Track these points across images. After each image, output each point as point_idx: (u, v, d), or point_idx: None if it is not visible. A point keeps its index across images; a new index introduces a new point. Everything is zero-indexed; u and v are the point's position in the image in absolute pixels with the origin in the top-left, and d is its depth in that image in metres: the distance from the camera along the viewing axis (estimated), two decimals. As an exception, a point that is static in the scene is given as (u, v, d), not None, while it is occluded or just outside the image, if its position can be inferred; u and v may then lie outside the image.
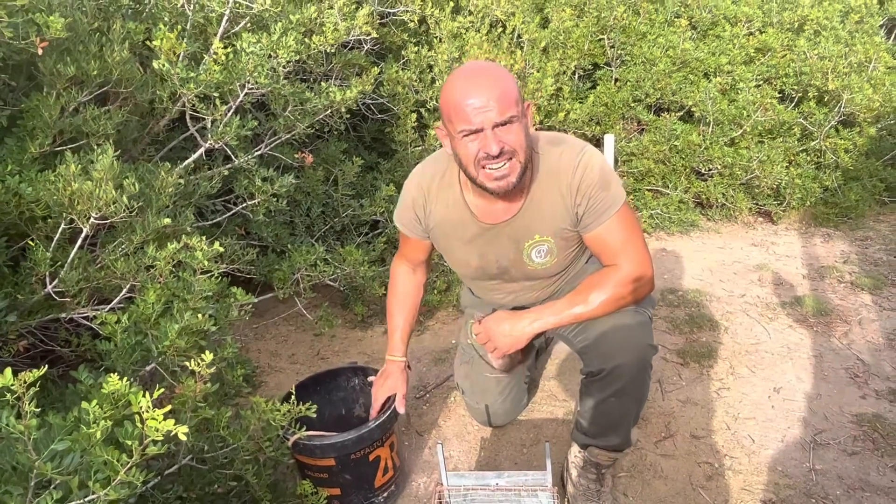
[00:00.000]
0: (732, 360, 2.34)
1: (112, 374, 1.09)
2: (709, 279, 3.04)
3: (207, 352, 1.26)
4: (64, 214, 1.43)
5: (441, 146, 1.56)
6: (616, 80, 3.72)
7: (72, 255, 1.50)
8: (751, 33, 3.72)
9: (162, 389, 1.05)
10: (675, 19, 3.69)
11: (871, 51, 3.57)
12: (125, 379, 1.09)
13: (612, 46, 3.68)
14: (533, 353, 2.05)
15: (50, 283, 1.49)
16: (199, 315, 1.40)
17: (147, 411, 0.96)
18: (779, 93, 3.64)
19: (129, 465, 0.98)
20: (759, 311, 2.69)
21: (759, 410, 2.05)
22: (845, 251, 3.26)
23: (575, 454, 1.71)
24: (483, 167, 1.36)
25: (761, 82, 3.65)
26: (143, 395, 0.98)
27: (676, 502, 1.70)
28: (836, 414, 2.01)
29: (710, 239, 3.57)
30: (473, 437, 2.04)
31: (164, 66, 1.69)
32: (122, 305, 1.54)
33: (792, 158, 3.62)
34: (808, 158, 3.64)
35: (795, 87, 3.64)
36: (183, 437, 0.97)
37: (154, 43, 1.68)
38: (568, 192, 1.46)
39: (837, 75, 3.48)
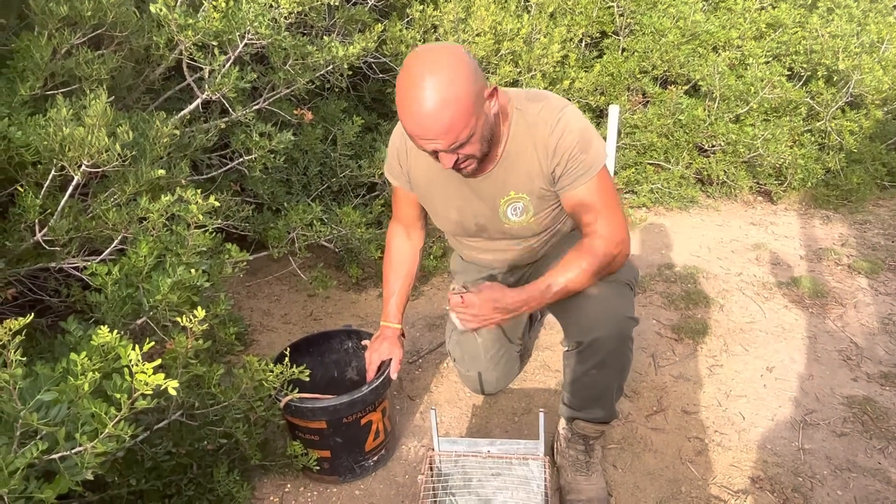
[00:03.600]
0: (726, 337, 2.34)
1: (102, 326, 1.07)
2: (706, 256, 3.02)
3: (200, 308, 1.23)
4: (55, 161, 1.38)
5: None
6: (623, 49, 3.64)
7: (62, 204, 1.46)
8: (763, 8, 3.64)
9: (152, 343, 1.02)
10: (688, -11, 3.60)
11: (885, 31, 3.50)
12: (115, 332, 1.06)
13: (622, 15, 3.60)
14: (524, 325, 2.03)
15: (39, 232, 1.45)
16: (193, 270, 1.37)
17: (137, 365, 0.94)
18: (787, 70, 3.59)
19: (117, 419, 0.96)
20: (755, 290, 2.68)
21: (751, 388, 2.05)
22: (844, 234, 3.25)
23: (563, 426, 1.72)
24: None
25: (770, 59, 3.59)
26: (133, 349, 0.95)
27: (665, 475, 1.71)
28: (828, 395, 2.02)
29: (708, 216, 3.55)
30: (465, 403, 2.04)
31: (161, 10, 1.63)
32: (113, 257, 1.51)
33: (796, 138, 3.58)
34: (813, 139, 3.60)
35: (805, 66, 3.58)
36: (173, 393, 0.95)
37: (151, -15, 1.61)
38: (544, 151, 1.43)
39: (848, 55, 3.42)
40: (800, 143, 3.57)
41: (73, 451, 0.96)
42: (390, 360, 1.69)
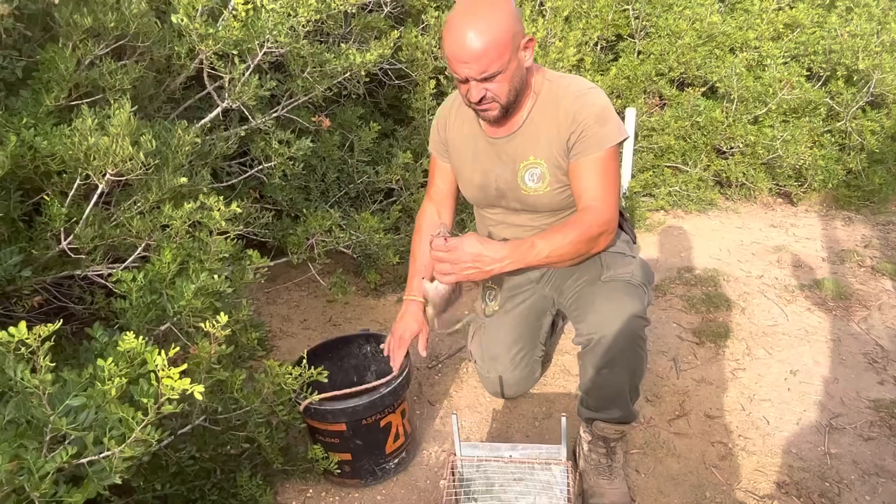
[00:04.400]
0: (749, 340, 2.31)
1: (127, 332, 1.08)
2: (726, 259, 2.99)
3: (222, 313, 1.24)
4: (79, 170, 1.40)
5: None
6: (639, 52, 3.63)
7: (87, 212, 1.48)
8: (780, 8, 3.61)
9: (176, 349, 1.03)
10: (704, -9, 3.58)
11: (906, 30, 3.45)
12: (140, 338, 1.08)
13: (637, 17, 3.59)
14: (546, 329, 2.02)
15: (65, 240, 1.48)
16: (215, 276, 1.39)
17: (163, 370, 0.95)
18: (806, 71, 3.55)
19: (144, 423, 0.97)
20: (777, 293, 2.65)
21: (775, 392, 2.03)
22: (866, 235, 3.20)
23: (583, 429, 1.71)
24: (471, 105, 1.48)
25: (789, 59, 3.55)
26: (159, 354, 0.96)
27: (689, 481, 1.69)
28: (853, 399, 1.98)
29: (728, 218, 3.51)
30: (485, 408, 2.03)
31: (182, 20, 1.65)
32: (136, 264, 1.53)
33: (816, 139, 3.53)
34: (833, 139, 3.56)
35: (824, 66, 3.54)
36: (199, 397, 0.96)
37: (172, -4, 1.63)
38: (565, 118, 1.49)
39: (868, 54, 3.37)
40: (820, 144, 3.53)
41: (101, 455, 0.97)
42: (408, 358, 1.69)
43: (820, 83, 3.55)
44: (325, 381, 1.51)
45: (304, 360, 1.49)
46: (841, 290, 2.61)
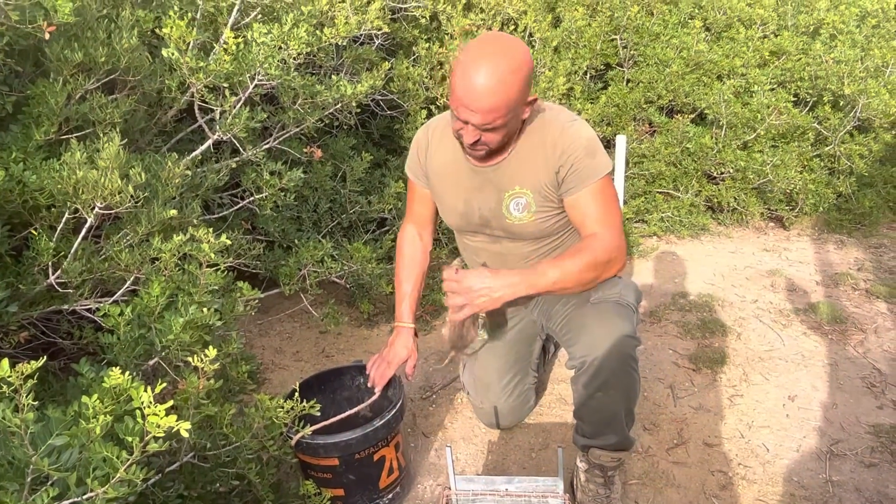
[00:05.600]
0: (746, 366, 2.30)
1: (114, 368, 1.06)
2: (720, 284, 2.99)
3: (212, 347, 1.22)
4: (68, 203, 1.39)
5: None
6: (628, 80, 3.67)
7: (75, 246, 1.46)
8: (765, 36, 3.67)
9: (164, 384, 1.01)
10: (689, 20, 3.65)
11: (889, 56, 3.52)
12: (127, 373, 1.05)
13: (625, 47, 3.64)
14: (537, 355, 2.00)
15: (53, 274, 1.46)
16: (205, 309, 1.37)
17: (149, 406, 0.92)
18: (793, 96, 3.59)
19: (129, 463, 0.94)
20: (773, 318, 2.64)
21: (774, 419, 2.00)
22: (859, 258, 3.21)
23: (580, 459, 1.69)
24: (458, 138, 1.47)
25: (776, 86, 3.60)
26: (145, 390, 0.94)
27: (689, 511, 1.66)
28: (853, 424, 1.96)
29: (721, 243, 3.52)
30: (481, 440, 2.00)
31: (173, 54, 1.66)
32: (125, 298, 1.51)
33: (805, 163, 3.57)
34: (822, 164, 3.59)
35: (810, 91, 3.59)
36: (185, 434, 0.93)
37: (163, 31, 1.64)
38: (552, 150, 1.49)
39: (853, 80, 3.43)
40: (809, 169, 3.56)
41: (84, 497, 0.94)
42: (402, 390, 1.67)
43: (807, 108, 3.60)
44: (318, 414, 1.48)
45: (297, 393, 1.47)
46: (836, 313, 2.61)
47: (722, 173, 3.59)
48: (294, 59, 1.91)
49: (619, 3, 3.58)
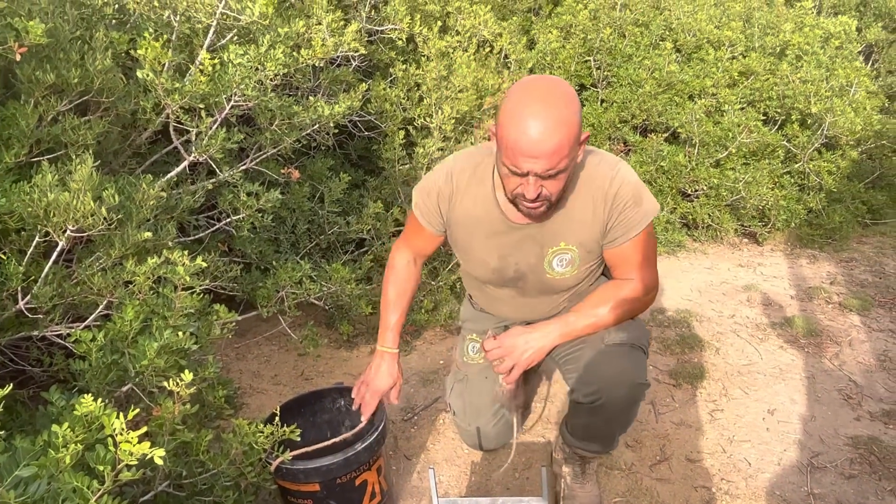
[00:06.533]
0: (725, 381, 2.31)
1: (85, 395, 1.03)
2: (698, 300, 3.02)
3: (187, 371, 1.20)
4: (39, 227, 1.36)
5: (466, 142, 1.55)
6: (602, 101, 3.74)
7: (46, 270, 1.43)
8: (734, 57, 3.77)
9: (137, 410, 0.98)
10: (660, 42, 3.73)
11: (852, 75, 3.63)
12: (99, 400, 1.02)
13: (599, 68, 3.71)
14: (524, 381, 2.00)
15: (22, 300, 1.42)
16: (180, 333, 1.34)
17: (121, 434, 0.90)
18: (763, 115, 3.68)
19: (100, 493, 0.91)
20: (750, 332, 2.67)
21: (754, 433, 2.01)
22: (831, 272, 3.27)
23: (560, 443, 1.75)
24: (516, 199, 1.36)
25: (745, 105, 3.69)
26: (118, 417, 0.91)
27: (674, 528, 1.65)
28: (832, 436, 1.98)
29: (697, 259, 3.56)
30: (464, 461, 1.98)
31: (148, 75, 1.65)
32: (98, 323, 1.47)
33: (776, 180, 3.64)
34: (792, 180, 3.67)
35: (779, 110, 3.68)
36: (159, 462, 0.91)
37: (138, 52, 1.63)
38: (602, 203, 1.42)
39: (819, 99, 3.52)
40: (780, 185, 3.64)
41: (52, 529, 0.91)
42: (383, 413, 1.64)
43: (776, 127, 3.69)
44: (298, 439, 1.45)
45: (277, 417, 1.44)
46: (811, 327, 2.65)
47: (696, 191, 3.65)
48: (271, 80, 1.90)
49: (592, 26, 3.65)
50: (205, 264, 1.43)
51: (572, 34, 3.68)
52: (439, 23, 3.16)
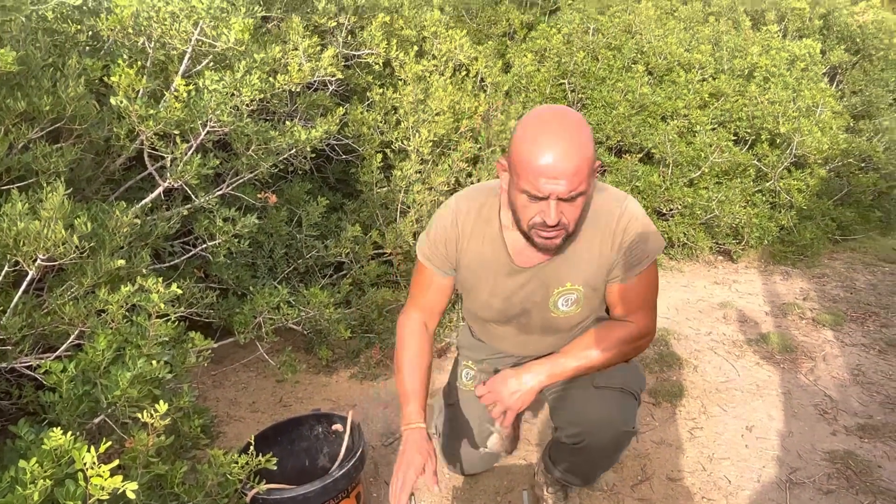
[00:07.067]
0: (703, 398, 2.33)
1: (55, 429, 1.00)
2: (675, 318, 3.05)
3: (161, 402, 1.17)
4: (8, 256, 1.33)
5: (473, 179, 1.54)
6: (578, 122, 3.79)
7: (15, 300, 1.40)
8: (704, 79, 3.86)
9: (109, 443, 0.96)
10: (633, 65, 3.81)
11: (818, 96, 3.74)
12: (69, 433, 1.00)
13: (573, 90, 3.77)
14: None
15: (-10, 330, 1.39)
16: (154, 362, 1.32)
17: (92, 468, 0.88)
18: (733, 135, 3.77)
19: (70, 530, 0.88)
20: (727, 349, 2.70)
21: (734, 450, 2.03)
22: (804, 288, 3.33)
23: (542, 468, 1.75)
24: (534, 228, 1.31)
25: (716, 125, 3.77)
26: (88, 450, 0.89)
27: (656, 549, 1.65)
28: (809, 451, 2.00)
29: (673, 278, 3.60)
30: (445, 486, 1.96)
31: (121, 102, 1.64)
32: (69, 353, 1.44)
33: (749, 198, 3.72)
34: (764, 198, 3.75)
35: (749, 130, 3.77)
36: (132, 496, 0.88)
37: (112, 79, 1.62)
38: (610, 240, 1.40)
39: (787, 119, 3.62)
40: (752, 203, 3.71)
41: (19, 570, 0.88)
42: (362, 438, 1.63)
43: (747, 146, 3.77)
44: (274, 468, 1.42)
45: (252, 447, 1.41)
46: (786, 342, 2.68)
47: (671, 210, 3.71)
48: (247, 105, 1.90)
49: (566, 50, 3.72)
50: (180, 291, 1.41)
51: (547, 58, 3.75)
52: (416, 47, 3.20)
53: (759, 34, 4.29)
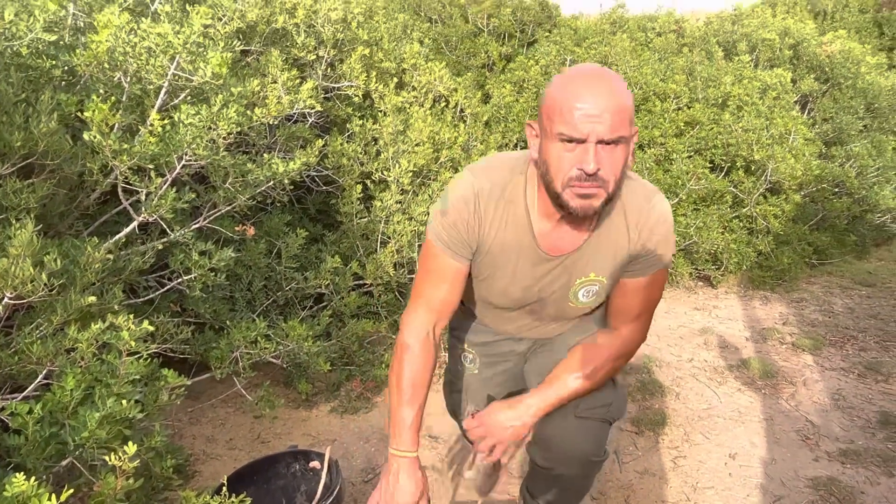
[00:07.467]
0: (686, 426, 2.32)
1: (19, 474, 0.97)
2: (656, 344, 3.05)
3: (130, 443, 1.14)
4: (-26, 294, 1.31)
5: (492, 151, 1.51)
6: (557, 151, 3.83)
7: (-19, 340, 1.36)
8: (679, 108, 3.93)
9: (72, 490, 0.93)
10: (610, 95, 3.87)
11: (790, 124, 3.82)
12: (32, 479, 0.97)
13: (552, 120, 3.81)
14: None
15: (-46, 372, 1.35)
16: (124, 401, 1.28)
17: (53, 517, 0.84)
18: (709, 163, 3.83)
19: (28, 584, 0.85)
20: (708, 376, 2.70)
21: (717, 479, 2.01)
22: (783, 313, 3.35)
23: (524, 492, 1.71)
24: (571, 185, 1.17)
25: (693, 153, 3.83)
26: (50, 498, 0.86)
27: (641, 583, 1.62)
28: (792, 479, 1.99)
29: (655, 304, 3.61)
30: (426, 522, 1.91)
31: (95, 137, 1.62)
32: (37, 393, 1.40)
33: (726, 224, 3.77)
34: (741, 224, 3.80)
35: (724, 158, 3.84)
36: (95, 546, 0.85)
37: (85, 114, 1.61)
38: (637, 234, 1.31)
39: (761, 146, 3.69)
40: (730, 229, 3.76)
41: None
42: (339, 474, 1.59)
43: (723, 174, 3.83)
44: (250, 508, 1.38)
45: (225, 488, 1.38)
46: (767, 368, 2.69)
47: (650, 237, 3.74)
48: (224, 139, 1.90)
49: (544, 81, 3.78)
50: (152, 328, 1.38)
51: (525, 88, 3.81)
52: (395, 79, 3.23)
53: (731, 64, 4.40)
